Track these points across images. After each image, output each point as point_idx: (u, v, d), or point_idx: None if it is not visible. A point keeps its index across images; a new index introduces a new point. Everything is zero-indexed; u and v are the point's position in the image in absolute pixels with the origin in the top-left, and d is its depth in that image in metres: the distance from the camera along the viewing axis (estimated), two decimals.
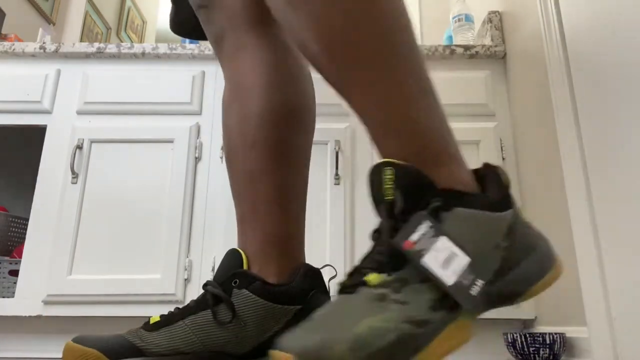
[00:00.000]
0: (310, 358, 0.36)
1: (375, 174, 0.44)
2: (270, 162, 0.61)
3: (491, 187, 0.49)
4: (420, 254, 0.41)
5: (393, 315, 0.39)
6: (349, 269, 1.39)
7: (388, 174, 0.43)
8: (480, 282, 0.41)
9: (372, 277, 0.41)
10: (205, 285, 0.56)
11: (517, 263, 0.46)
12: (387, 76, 0.45)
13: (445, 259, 0.41)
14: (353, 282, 0.42)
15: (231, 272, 0.56)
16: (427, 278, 0.41)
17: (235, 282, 0.55)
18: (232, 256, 0.58)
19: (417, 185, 0.43)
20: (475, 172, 0.51)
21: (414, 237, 0.42)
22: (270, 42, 0.64)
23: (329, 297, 0.58)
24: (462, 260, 0.42)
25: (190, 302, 0.57)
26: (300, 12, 0.45)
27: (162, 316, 0.56)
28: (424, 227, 0.42)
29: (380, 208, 0.44)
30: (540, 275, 0.47)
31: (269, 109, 0.62)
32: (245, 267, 0.57)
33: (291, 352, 0.36)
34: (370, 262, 0.43)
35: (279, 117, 0.62)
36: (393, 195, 0.43)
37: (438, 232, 0.42)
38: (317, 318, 0.40)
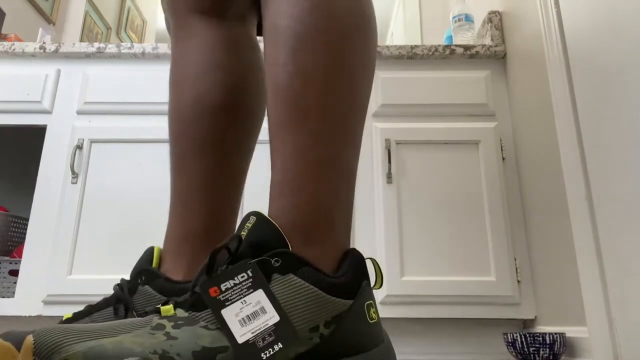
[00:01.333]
0: (40, 350, 0.34)
1: (243, 220, 0.44)
2: (196, 149, 0.62)
3: (345, 271, 0.45)
4: (223, 304, 0.39)
5: (150, 342, 0.37)
6: None
7: (250, 221, 0.43)
8: (278, 347, 0.38)
9: (166, 308, 0.40)
10: (116, 284, 0.57)
11: (340, 355, 0.42)
12: (318, 146, 0.45)
13: (250, 314, 0.39)
14: (155, 308, 0.41)
15: (140, 268, 0.56)
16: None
17: (141, 279, 0.55)
18: (146, 253, 0.58)
19: (268, 241, 0.42)
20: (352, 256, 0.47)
21: (227, 284, 0.39)
22: (215, 33, 0.65)
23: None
24: (269, 318, 0.39)
25: (101, 299, 0.57)
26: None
27: (74, 314, 0.56)
28: (244, 276, 0.40)
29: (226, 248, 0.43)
30: None
31: (197, 98, 0.63)
32: (155, 262, 0.56)
33: (30, 341, 0.34)
34: (185, 293, 0.42)
35: (208, 107, 0.63)
36: (246, 244, 0.42)
37: (257, 284, 0.39)
38: (94, 324, 0.39)
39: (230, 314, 0.39)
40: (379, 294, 1.36)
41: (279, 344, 0.38)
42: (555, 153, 1.21)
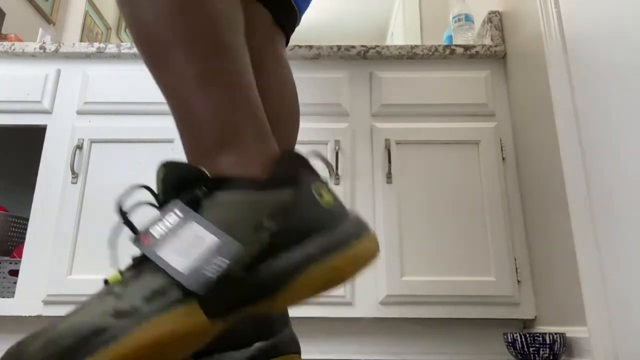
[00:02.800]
0: (10, 358, 0.35)
1: (156, 174, 0.44)
2: None
3: (277, 168, 0.44)
4: (157, 245, 0.39)
5: (100, 308, 0.36)
6: None
7: (161, 173, 0.43)
8: (225, 262, 0.38)
9: (113, 277, 0.40)
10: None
11: (294, 246, 0.41)
12: (173, 60, 0.46)
13: (187, 246, 0.39)
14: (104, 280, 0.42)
15: None
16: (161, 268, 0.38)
17: None
18: None
19: (184, 179, 0.42)
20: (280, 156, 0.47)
21: (157, 229, 0.40)
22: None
23: None
24: (208, 243, 0.38)
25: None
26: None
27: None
28: (172, 216, 0.40)
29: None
30: (319, 257, 0.40)
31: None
32: None
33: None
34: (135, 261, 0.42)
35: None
36: (162, 194, 0.43)
37: (187, 218, 0.40)
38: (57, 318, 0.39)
39: (168, 252, 0.38)
40: (379, 294, 1.37)
41: (224, 259, 0.38)
42: (555, 153, 1.21)
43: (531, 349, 1.09)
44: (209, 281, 0.37)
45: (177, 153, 1.47)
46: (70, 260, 1.39)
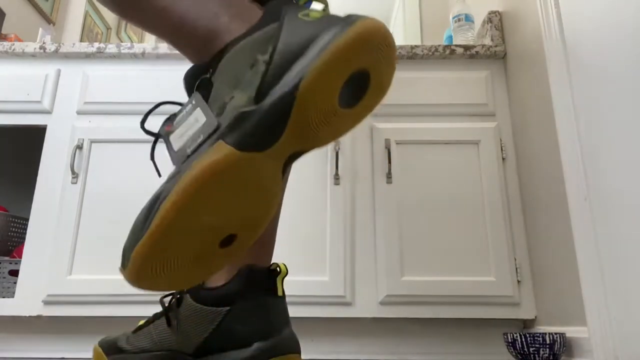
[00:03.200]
0: (121, 261, 0.42)
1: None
2: None
3: (263, 16, 0.47)
4: (171, 132, 0.45)
5: (157, 190, 0.43)
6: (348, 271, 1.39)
7: (184, 82, 0.49)
8: (200, 139, 0.42)
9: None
10: (162, 297, 0.62)
11: (291, 65, 0.42)
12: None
13: (187, 130, 0.44)
14: None
15: None
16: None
17: (184, 290, 0.61)
18: None
19: (195, 74, 0.47)
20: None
21: (178, 118, 0.46)
22: None
23: (271, 295, 0.60)
24: (198, 125, 0.43)
25: (154, 314, 0.64)
26: None
27: (145, 321, 0.64)
28: (189, 105, 0.45)
29: None
30: (314, 59, 0.41)
31: None
32: None
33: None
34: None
35: None
36: (188, 92, 0.48)
37: (195, 105, 0.45)
38: None
39: (175, 137, 0.45)
40: (378, 294, 1.37)
41: (202, 135, 0.42)
42: (555, 153, 1.21)
43: (531, 349, 1.09)
44: (182, 157, 0.43)
45: None
46: (70, 260, 1.39)
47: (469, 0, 1.98)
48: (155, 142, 0.49)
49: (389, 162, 1.46)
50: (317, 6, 0.50)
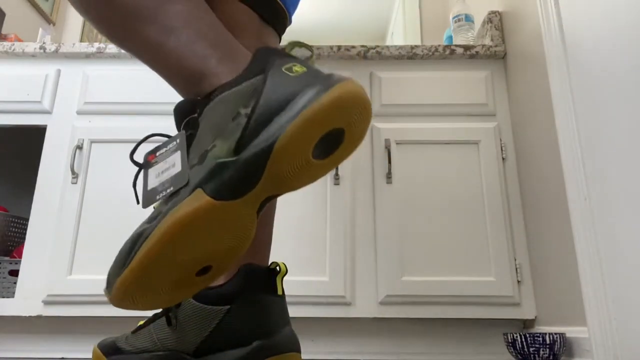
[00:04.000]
0: (106, 283, 0.46)
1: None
2: None
3: (249, 65, 0.50)
4: (151, 164, 0.48)
5: (139, 225, 0.46)
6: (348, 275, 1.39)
7: (175, 113, 0.51)
8: (170, 190, 0.45)
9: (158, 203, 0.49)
10: None
11: (271, 120, 0.44)
12: (130, 30, 0.53)
13: (164, 170, 0.47)
14: None
15: None
16: None
17: None
18: None
19: (184, 111, 0.50)
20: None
21: (161, 151, 0.49)
22: None
23: (271, 294, 0.61)
24: (174, 171, 0.46)
25: (154, 314, 0.64)
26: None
27: (145, 321, 0.64)
28: (172, 144, 0.48)
29: None
30: (292, 118, 0.43)
31: None
32: None
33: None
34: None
35: None
36: (177, 127, 0.51)
37: (178, 147, 0.47)
38: None
39: (153, 171, 0.48)
40: (378, 294, 1.37)
41: (171, 187, 0.45)
42: (555, 153, 1.21)
43: (531, 349, 1.09)
44: (150, 201, 0.46)
45: None
46: (70, 260, 1.39)
47: (469, 0, 1.98)
48: (139, 172, 0.51)
49: (389, 162, 1.46)
50: (305, 52, 0.52)
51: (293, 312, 1.32)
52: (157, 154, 0.48)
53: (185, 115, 0.50)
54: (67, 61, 1.60)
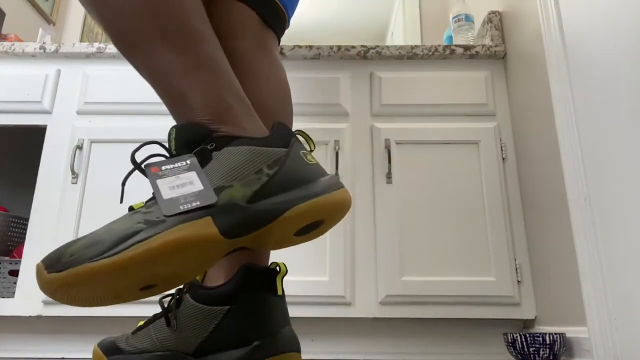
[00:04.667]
0: (50, 261, 0.44)
1: (168, 135, 0.53)
2: None
3: (273, 133, 0.56)
4: (158, 175, 0.50)
5: (133, 219, 0.47)
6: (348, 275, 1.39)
7: (172, 134, 0.53)
8: (196, 204, 0.48)
9: (137, 204, 0.52)
10: (161, 298, 0.64)
11: (285, 190, 0.52)
12: (158, 55, 0.54)
13: (179, 184, 0.49)
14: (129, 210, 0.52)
15: None
16: None
17: (184, 288, 0.63)
18: None
19: (193, 136, 0.52)
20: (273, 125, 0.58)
21: (165, 167, 0.51)
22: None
23: (271, 294, 0.61)
24: (194, 188, 0.49)
25: (154, 314, 0.64)
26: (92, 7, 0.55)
27: (145, 321, 0.64)
28: (180, 164, 0.51)
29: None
30: (302, 200, 0.52)
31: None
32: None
33: (39, 263, 0.45)
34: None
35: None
36: (175, 149, 0.53)
37: (191, 169, 0.50)
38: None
39: (163, 183, 0.49)
40: (378, 294, 1.37)
41: (198, 202, 0.48)
42: (555, 153, 1.21)
43: (531, 349, 1.09)
44: (177, 209, 0.47)
45: None
46: None
47: (469, 0, 1.98)
48: (131, 172, 0.53)
49: (389, 162, 1.46)
50: (310, 147, 0.62)
51: (293, 312, 1.32)
52: (163, 168, 0.50)
53: (195, 139, 0.52)
54: (67, 61, 1.60)
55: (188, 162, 0.51)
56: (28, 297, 1.36)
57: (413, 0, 2.90)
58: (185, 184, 0.49)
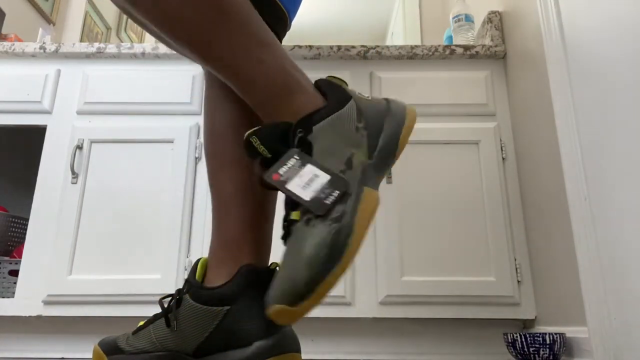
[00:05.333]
0: (287, 301, 0.47)
1: (249, 145, 0.55)
2: (226, 162, 0.68)
3: (330, 94, 0.59)
4: (284, 182, 0.52)
5: (320, 228, 0.49)
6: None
7: (255, 141, 0.54)
8: (337, 193, 0.51)
9: (294, 214, 0.53)
10: (161, 298, 0.64)
11: (380, 129, 0.58)
12: (217, 38, 0.55)
13: (307, 181, 0.51)
14: (286, 229, 0.54)
15: (186, 279, 0.64)
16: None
17: (184, 288, 0.62)
18: (193, 264, 0.65)
19: (277, 133, 0.55)
20: (316, 86, 0.61)
21: (282, 170, 0.52)
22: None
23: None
24: (322, 179, 0.52)
25: (153, 314, 0.65)
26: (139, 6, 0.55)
27: (145, 322, 0.64)
28: (292, 161, 0.53)
29: (268, 165, 0.55)
30: (400, 126, 0.59)
31: (226, 122, 0.72)
32: (199, 272, 0.63)
33: (273, 304, 0.47)
34: (286, 210, 0.55)
35: (235, 126, 0.72)
36: (269, 153, 0.54)
37: (304, 162, 0.53)
38: (276, 274, 0.51)
39: (294, 186, 0.51)
40: (378, 294, 1.37)
41: (336, 191, 0.51)
42: (555, 153, 1.21)
43: (531, 349, 1.09)
44: (326, 205, 0.50)
45: (177, 153, 1.47)
46: (70, 260, 1.39)
47: (469, 0, 1.98)
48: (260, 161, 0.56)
49: None
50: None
51: None
52: (280, 171, 0.52)
53: (279, 134, 0.55)
54: (67, 61, 1.60)
55: (296, 157, 0.53)
56: (28, 297, 1.36)
57: (413, 0, 2.90)
58: (311, 179, 0.52)
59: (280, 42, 0.81)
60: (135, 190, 1.45)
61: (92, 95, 1.55)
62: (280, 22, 0.77)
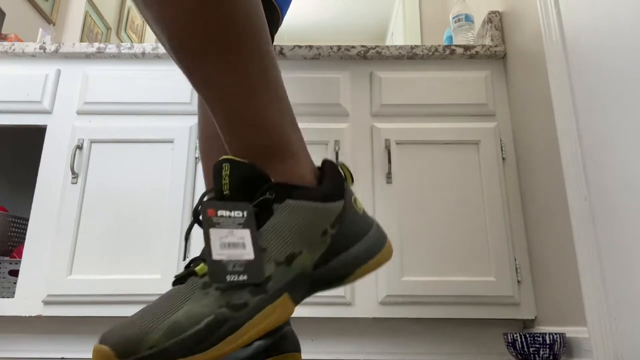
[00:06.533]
0: (126, 349, 0.39)
1: (217, 169, 0.47)
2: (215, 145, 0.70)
3: (327, 180, 0.52)
4: (212, 224, 0.44)
5: (212, 301, 0.42)
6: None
7: (225, 170, 0.47)
8: (243, 278, 0.43)
9: (200, 267, 0.45)
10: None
11: (346, 248, 0.51)
12: (231, 72, 0.47)
13: (230, 243, 0.44)
14: (185, 274, 0.46)
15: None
16: None
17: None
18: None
19: (250, 179, 0.47)
20: (319, 167, 0.55)
21: (220, 212, 0.45)
22: None
23: None
24: (245, 254, 0.44)
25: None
26: (150, 10, 0.47)
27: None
28: (237, 214, 0.46)
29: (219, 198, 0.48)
30: (367, 259, 0.52)
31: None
32: None
33: (107, 345, 0.39)
34: (203, 253, 0.47)
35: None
36: (228, 189, 0.47)
37: (247, 225, 0.46)
38: (138, 312, 0.43)
39: (216, 235, 0.44)
40: (379, 294, 1.37)
41: (245, 276, 0.44)
42: (555, 153, 1.21)
43: (531, 349, 1.09)
44: (225, 281, 0.43)
45: (177, 153, 1.47)
46: (70, 260, 1.39)
47: (469, 0, 1.98)
48: (193, 224, 0.48)
49: (389, 162, 1.46)
50: (349, 182, 0.57)
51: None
52: (219, 213, 0.45)
53: (251, 180, 0.47)
54: (67, 61, 1.60)
55: (245, 214, 0.46)
56: (28, 297, 1.36)
57: (413, 0, 2.90)
58: (237, 244, 0.45)
59: (273, 39, 0.81)
60: (135, 191, 1.45)
61: (92, 95, 1.55)
62: (272, 17, 0.77)
